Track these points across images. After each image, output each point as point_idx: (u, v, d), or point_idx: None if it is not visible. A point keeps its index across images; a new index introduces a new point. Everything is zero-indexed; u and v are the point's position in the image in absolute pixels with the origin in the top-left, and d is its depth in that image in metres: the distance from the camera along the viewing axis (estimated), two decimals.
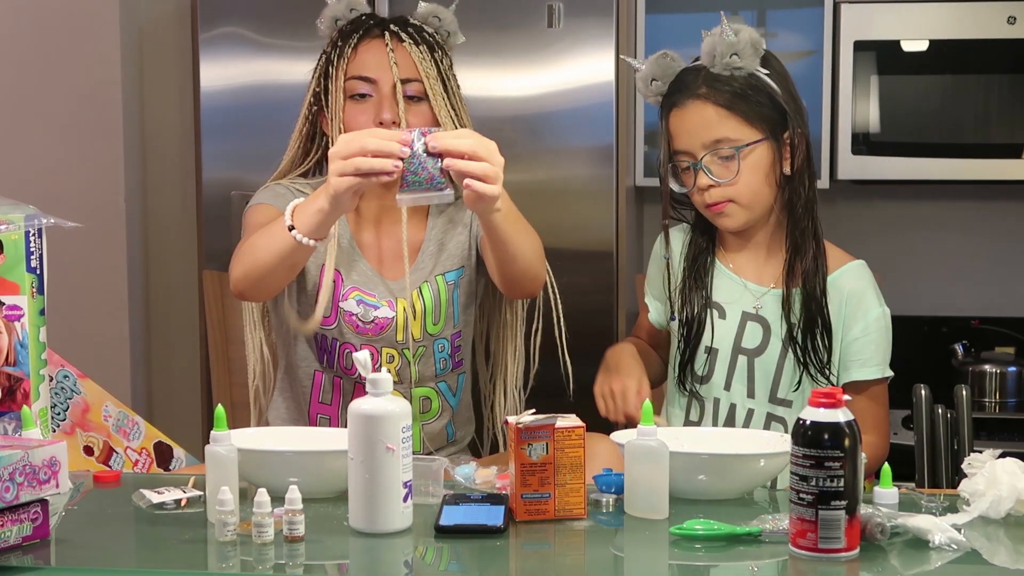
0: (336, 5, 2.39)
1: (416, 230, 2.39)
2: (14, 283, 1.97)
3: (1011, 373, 3.38)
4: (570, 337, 3.02)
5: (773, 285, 2.30)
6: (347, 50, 2.32)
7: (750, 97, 2.24)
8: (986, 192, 3.68)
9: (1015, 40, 3.31)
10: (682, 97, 2.26)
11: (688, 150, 2.26)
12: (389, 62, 2.30)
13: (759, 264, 2.32)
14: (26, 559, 1.61)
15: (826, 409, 1.60)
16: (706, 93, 2.24)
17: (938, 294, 3.73)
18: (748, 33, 2.25)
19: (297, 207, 2.07)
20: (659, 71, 2.31)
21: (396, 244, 2.36)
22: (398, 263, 2.36)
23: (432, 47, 2.35)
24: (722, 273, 2.33)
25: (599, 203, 3.21)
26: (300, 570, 1.60)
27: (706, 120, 2.23)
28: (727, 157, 2.23)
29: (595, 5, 3.19)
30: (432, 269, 2.37)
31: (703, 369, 2.31)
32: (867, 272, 2.34)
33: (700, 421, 2.31)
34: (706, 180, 2.24)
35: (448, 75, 2.36)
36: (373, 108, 2.30)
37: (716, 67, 2.24)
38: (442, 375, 2.39)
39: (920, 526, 1.65)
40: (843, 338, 2.28)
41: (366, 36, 2.33)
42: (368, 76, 2.30)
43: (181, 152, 3.73)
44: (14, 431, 1.96)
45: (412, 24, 2.36)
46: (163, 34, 3.75)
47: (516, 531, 1.74)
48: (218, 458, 1.75)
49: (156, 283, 3.82)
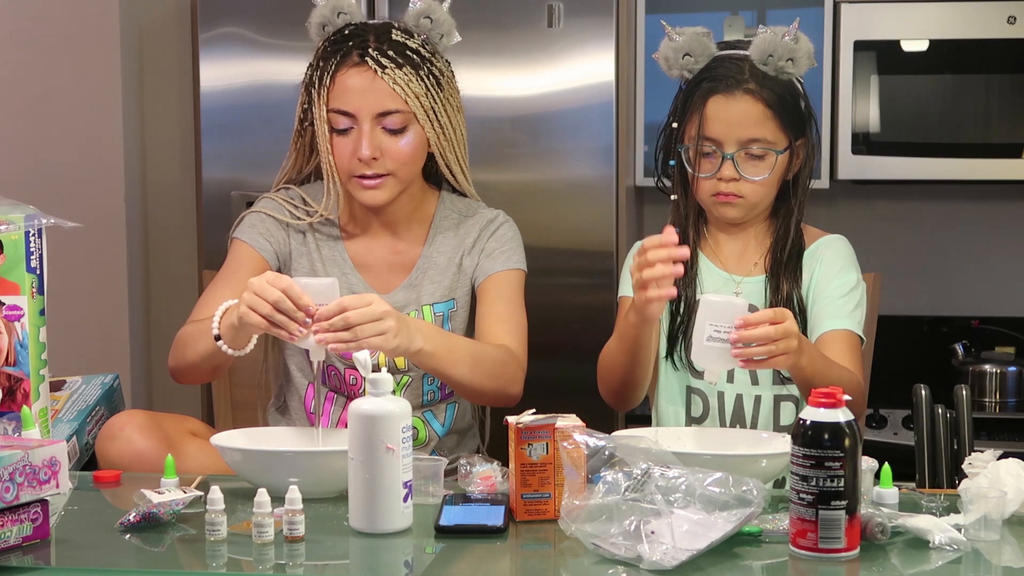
0: (322, 9, 2.33)
1: (414, 244, 2.38)
2: (14, 283, 1.98)
3: (1011, 373, 3.37)
4: (570, 337, 3.03)
5: (753, 271, 2.32)
6: (326, 79, 2.26)
7: (788, 102, 2.26)
8: (986, 192, 3.67)
9: (1015, 40, 3.31)
10: (729, 86, 2.24)
11: (719, 139, 2.25)
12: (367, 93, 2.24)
13: (739, 254, 2.34)
14: (26, 559, 1.61)
15: (826, 409, 1.60)
16: (756, 89, 2.24)
17: (938, 294, 3.73)
18: (806, 44, 2.26)
19: (226, 313, 2.09)
20: (697, 48, 2.29)
21: (389, 255, 2.36)
22: (391, 276, 2.36)
23: (418, 64, 2.27)
24: (706, 265, 2.34)
25: (599, 203, 3.21)
26: (300, 570, 1.60)
27: (752, 116, 2.24)
28: (757, 156, 2.24)
29: (595, 5, 3.18)
30: (418, 297, 2.35)
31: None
32: (845, 245, 2.36)
33: (703, 417, 2.30)
34: (732, 173, 2.24)
35: (435, 93, 2.28)
36: (353, 142, 2.25)
37: (768, 66, 2.24)
38: (429, 405, 2.37)
39: (920, 526, 1.65)
40: (815, 300, 2.28)
41: (344, 62, 2.25)
42: (346, 110, 2.25)
43: (181, 152, 3.73)
44: (14, 431, 1.96)
45: (395, 41, 2.27)
46: (163, 34, 3.75)
47: (516, 531, 1.74)
48: None
49: (156, 283, 3.81)
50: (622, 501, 1.65)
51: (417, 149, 2.28)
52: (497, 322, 2.30)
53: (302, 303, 1.97)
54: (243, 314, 2.00)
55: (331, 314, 1.96)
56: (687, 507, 1.65)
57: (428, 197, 2.40)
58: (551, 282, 3.09)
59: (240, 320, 2.01)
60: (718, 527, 1.61)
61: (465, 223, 2.39)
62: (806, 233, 2.34)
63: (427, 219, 2.39)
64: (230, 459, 1.93)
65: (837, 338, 2.24)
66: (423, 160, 2.33)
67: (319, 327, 1.97)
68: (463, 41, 2.39)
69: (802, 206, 2.32)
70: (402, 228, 2.37)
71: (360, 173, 2.26)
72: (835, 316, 2.26)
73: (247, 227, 2.36)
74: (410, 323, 2.09)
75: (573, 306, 3.13)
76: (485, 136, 3.12)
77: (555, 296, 3.11)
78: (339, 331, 1.96)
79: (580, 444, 1.74)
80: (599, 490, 1.67)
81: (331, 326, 1.96)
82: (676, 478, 1.68)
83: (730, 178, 2.25)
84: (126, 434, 2.10)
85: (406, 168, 2.28)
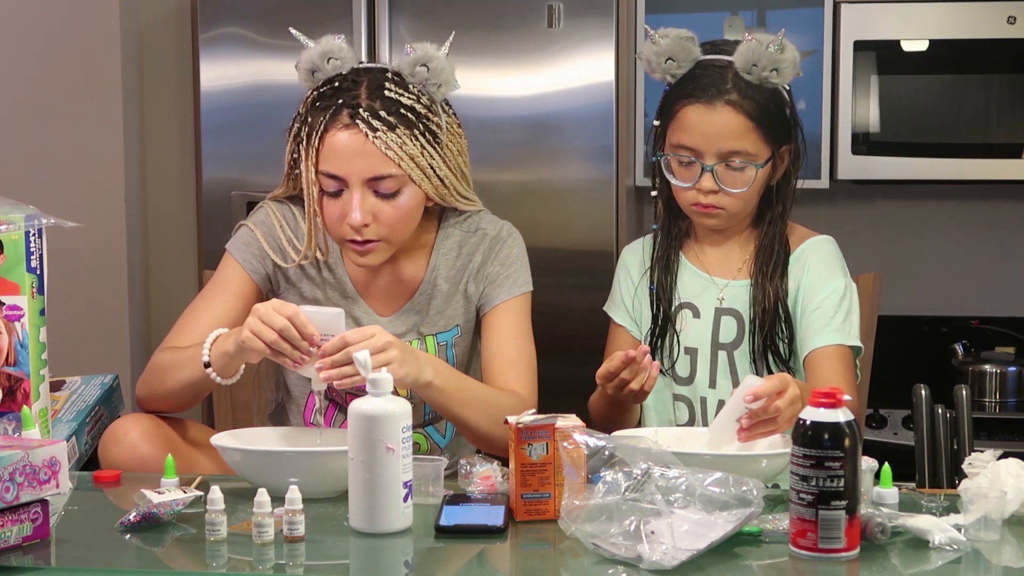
0: (311, 53, 2.20)
1: (415, 269, 2.31)
2: (14, 283, 1.98)
3: (1011, 373, 3.38)
4: (569, 337, 3.03)
5: (737, 276, 2.30)
6: (315, 138, 2.13)
7: (772, 112, 2.21)
8: (986, 192, 3.67)
9: (1015, 40, 3.31)
10: (709, 96, 2.20)
11: (698, 149, 2.21)
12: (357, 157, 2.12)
13: (722, 257, 2.32)
14: (26, 559, 1.61)
15: (826, 409, 1.60)
16: (737, 100, 2.19)
17: (938, 294, 3.73)
18: (792, 53, 2.21)
19: (216, 341, 2.08)
20: (680, 53, 2.24)
21: (390, 281, 2.31)
22: (392, 301, 2.31)
23: (412, 123, 2.13)
24: (687, 268, 2.33)
25: (599, 203, 3.21)
26: (300, 570, 1.60)
27: (732, 129, 2.19)
28: (737, 168, 2.20)
29: (595, 5, 3.19)
30: (419, 324, 2.31)
31: (686, 370, 2.30)
32: (831, 246, 2.32)
33: (689, 423, 2.29)
34: (712, 184, 2.21)
35: (432, 151, 2.16)
36: (343, 206, 2.15)
37: (752, 75, 2.19)
38: (431, 422, 2.36)
39: (920, 526, 1.65)
40: (804, 311, 2.24)
41: (334, 122, 2.13)
42: (336, 174, 2.14)
43: (181, 152, 3.73)
44: (14, 431, 1.96)
45: (388, 98, 2.13)
46: (163, 34, 3.75)
47: (516, 531, 1.74)
48: None
49: (156, 283, 3.81)
50: (622, 501, 1.64)
51: (412, 211, 2.19)
52: (507, 365, 2.25)
53: (307, 332, 1.97)
54: (246, 339, 1.98)
55: (334, 350, 1.95)
56: (687, 507, 1.65)
57: (427, 225, 2.31)
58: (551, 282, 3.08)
59: (242, 345, 2.00)
60: (718, 527, 1.61)
61: (468, 242, 2.31)
62: (793, 234, 2.31)
63: (428, 244, 2.32)
64: (230, 459, 1.93)
65: (828, 355, 2.19)
66: (419, 217, 2.23)
67: (322, 363, 1.96)
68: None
69: (786, 212, 2.29)
70: (401, 255, 2.29)
71: (350, 238, 2.17)
72: (825, 331, 2.21)
73: (242, 244, 2.29)
74: (419, 355, 2.07)
75: (573, 306, 3.13)
76: (485, 136, 3.12)
77: (555, 296, 3.11)
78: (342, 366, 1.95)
79: (580, 444, 1.74)
80: (599, 490, 1.67)
81: (334, 362, 1.95)
82: (676, 478, 1.67)
83: (709, 190, 2.21)
84: (130, 439, 2.09)
85: (399, 232, 2.19)
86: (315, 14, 3.31)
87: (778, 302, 2.24)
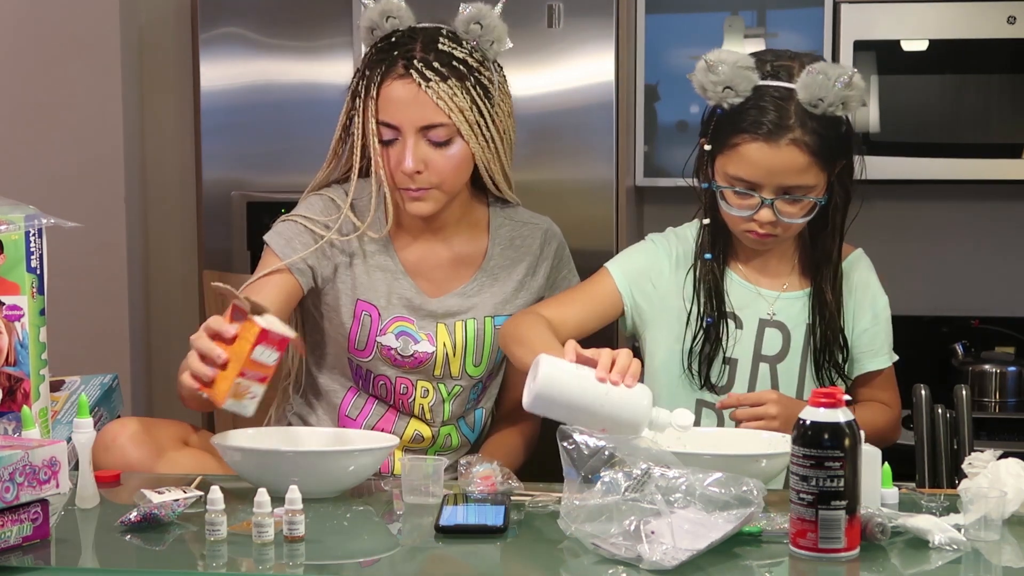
0: (371, 12, 2.28)
1: (473, 251, 2.35)
2: (14, 283, 1.98)
3: (1011, 373, 3.38)
4: None
5: (786, 288, 2.29)
6: (372, 89, 2.21)
7: (832, 140, 2.14)
8: (986, 192, 3.67)
9: (1015, 40, 3.31)
10: (773, 134, 2.12)
11: (757, 183, 2.14)
12: (411, 106, 2.20)
13: (770, 268, 2.29)
14: (26, 559, 1.61)
15: (826, 409, 1.60)
16: (799, 137, 2.11)
17: (938, 294, 3.73)
18: (859, 84, 2.12)
19: None
20: (740, 83, 2.14)
21: (445, 262, 2.33)
22: (445, 282, 2.33)
23: (464, 75, 2.21)
24: (733, 280, 2.29)
25: (599, 203, 3.21)
26: (300, 570, 1.60)
27: (794, 167, 2.12)
28: (797, 199, 2.16)
29: (595, 5, 3.18)
30: (479, 305, 2.33)
31: (721, 380, 2.27)
32: (868, 261, 2.36)
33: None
34: (770, 216, 2.16)
35: (482, 105, 2.23)
36: (397, 154, 2.22)
37: (817, 109, 2.11)
38: (466, 413, 2.38)
39: (920, 526, 1.65)
40: (853, 329, 2.28)
41: (389, 73, 2.21)
42: (390, 123, 2.21)
43: (181, 152, 3.73)
44: (14, 431, 1.96)
45: (442, 51, 2.22)
46: (163, 34, 3.75)
47: (516, 531, 1.74)
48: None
49: (156, 283, 3.81)
50: (622, 501, 1.65)
51: (462, 161, 2.24)
52: None
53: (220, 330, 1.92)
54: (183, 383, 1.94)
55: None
56: (687, 507, 1.65)
57: (477, 203, 2.37)
58: None
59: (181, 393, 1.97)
60: (718, 527, 1.61)
61: (520, 232, 2.38)
62: None
63: (480, 225, 2.36)
64: (230, 459, 1.93)
65: (883, 375, 2.32)
66: (470, 171, 2.28)
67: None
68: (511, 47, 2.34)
69: (844, 225, 2.25)
70: (452, 234, 2.33)
71: (405, 186, 2.23)
72: (879, 354, 2.31)
73: (282, 241, 2.27)
74: None
75: None
76: None
77: None
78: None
79: (580, 444, 1.74)
80: (599, 490, 1.67)
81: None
82: (676, 478, 1.68)
83: (767, 221, 2.17)
84: (119, 444, 2.08)
85: (451, 181, 2.24)
86: (315, 14, 3.31)
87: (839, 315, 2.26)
